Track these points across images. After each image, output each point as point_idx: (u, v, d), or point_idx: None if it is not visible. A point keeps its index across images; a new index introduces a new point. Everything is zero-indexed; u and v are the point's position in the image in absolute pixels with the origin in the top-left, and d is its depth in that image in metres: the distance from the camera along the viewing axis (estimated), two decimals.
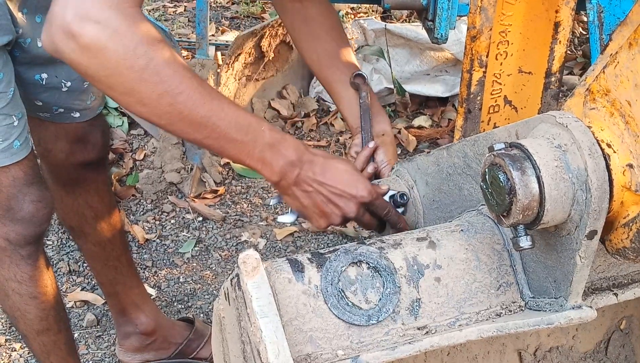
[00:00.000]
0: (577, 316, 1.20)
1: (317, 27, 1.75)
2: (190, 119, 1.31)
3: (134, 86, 1.26)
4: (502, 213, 1.14)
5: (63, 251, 3.00)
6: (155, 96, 1.27)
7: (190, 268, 2.96)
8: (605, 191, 1.10)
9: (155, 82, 1.26)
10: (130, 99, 1.29)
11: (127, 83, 1.26)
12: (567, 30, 1.73)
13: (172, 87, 1.27)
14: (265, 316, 1.11)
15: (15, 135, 1.78)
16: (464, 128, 1.79)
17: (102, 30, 1.22)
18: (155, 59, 1.25)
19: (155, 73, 1.25)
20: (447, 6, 2.23)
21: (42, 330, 2.02)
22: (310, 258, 1.23)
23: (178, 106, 1.29)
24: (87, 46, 1.22)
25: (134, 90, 1.27)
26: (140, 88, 1.26)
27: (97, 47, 1.22)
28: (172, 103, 1.28)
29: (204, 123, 1.32)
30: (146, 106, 1.29)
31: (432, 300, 1.23)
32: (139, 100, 1.28)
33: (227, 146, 1.37)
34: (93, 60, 1.24)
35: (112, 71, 1.24)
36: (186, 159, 3.32)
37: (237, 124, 1.35)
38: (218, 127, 1.33)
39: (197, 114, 1.31)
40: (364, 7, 4.46)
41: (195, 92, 1.29)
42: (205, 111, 1.31)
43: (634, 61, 1.08)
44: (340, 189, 1.46)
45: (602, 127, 1.14)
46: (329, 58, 1.74)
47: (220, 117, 1.33)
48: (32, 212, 1.86)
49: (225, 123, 1.34)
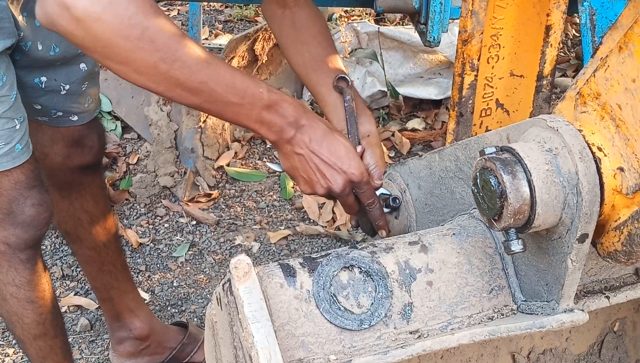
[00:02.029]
0: (569, 320, 1.20)
1: (304, 32, 1.75)
2: (188, 85, 1.33)
3: (130, 55, 1.27)
4: (493, 216, 1.14)
5: (56, 255, 3.00)
6: (151, 65, 1.29)
7: (184, 272, 2.96)
8: (596, 195, 1.10)
9: (151, 50, 1.27)
10: (126, 68, 1.31)
11: (123, 53, 1.27)
12: (558, 33, 1.73)
13: (168, 54, 1.28)
14: (257, 321, 1.11)
15: (17, 138, 1.78)
16: (456, 132, 1.80)
17: (96, 1, 1.23)
18: (150, 28, 1.26)
19: (151, 41, 1.26)
20: (440, 9, 2.22)
21: (39, 335, 2.02)
22: (302, 262, 1.23)
23: (174, 73, 1.30)
24: (81, 17, 1.23)
25: (130, 59, 1.28)
26: (136, 57, 1.28)
27: (92, 18, 1.23)
28: (169, 70, 1.30)
29: (201, 88, 1.34)
30: (143, 74, 1.31)
31: (424, 304, 1.24)
32: (136, 69, 1.30)
33: (226, 110, 1.39)
34: (88, 31, 1.25)
35: (107, 41, 1.26)
36: (180, 163, 3.32)
37: (234, 88, 1.36)
38: (215, 92, 1.35)
39: (194, 79, 1.32)
40: (357, 10, 4.46)
41: (191, 58, 1.31)
42: (201, 76, 1.32)
43: (624, 65, 1.09)
44: (332, 161, 1.46)
45: (592, 131, 1.14)
46: (315, 62, 1.74)
47: (217, 82, 1.34)
48: (32, 216, 1.86)
49: (222, 87, 1.35)
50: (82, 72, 2.01)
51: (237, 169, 3.43)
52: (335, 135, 1.49)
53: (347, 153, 1.48)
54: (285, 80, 3.90)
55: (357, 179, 1.49)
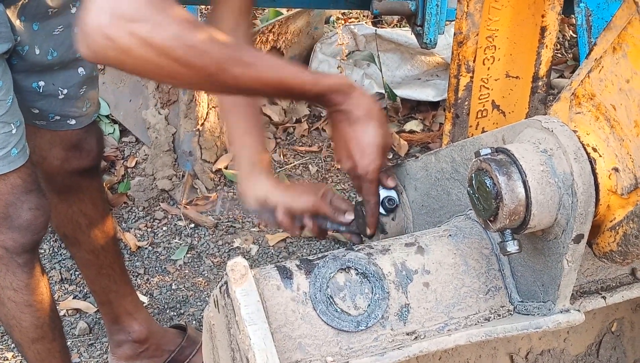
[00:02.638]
0: (565, 320, 1.20)
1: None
2: (238, 88, 1.40)
3: (180, 72, 1.31)
4: (489, 217, 1.15)
5: (55, 259, 3.00)
6: (202, 77, 1.33)
7: (183, 275, 2.96)
8: (591, 195, 1.11)
9: (199, 66, 1.30)
10: (178, 82, 1.48)
11: (173, 72, 1.30)
12: (553, 34, 1.73)
13: (216, 66, 1.32)
14: (253, 323, 1.11)
15: (13, 143, 1.78)
16: (452, 133, 1.80)
17: (140, 27, 1.24)
18: (196, 45, 1.29)
19: (198, 56, 1.29)
20: (436, 11, 2.23)
21: (37, 338, 2.03)
22: (299, 264, 1.23)
23: (223, 80, 1.35)
24: (127, 47, 1.25)
25: (181, 75, 1.32)
26: (185, 73, 1.31)
27: (139, 44, 1.25)
28: (217, 80, 1.35)
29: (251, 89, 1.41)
30: (194, 85, 1.41)
31: (421, 305, 1.24)
32: (187, 82, 1.41)
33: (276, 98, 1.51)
34: (138, 58, 1.27)
35: (157, 63, 1.28)
36: (178, 166, 3.32)
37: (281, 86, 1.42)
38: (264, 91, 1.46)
39: (243, 84, 1.38)
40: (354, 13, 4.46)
41: (237, 64, 1.34)
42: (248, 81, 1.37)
43: (618, 65, 1.09)
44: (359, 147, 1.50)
45: (587, 132, 1.14)
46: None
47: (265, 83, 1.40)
48: (30, 220, 1.86)
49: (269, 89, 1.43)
50: (80, 76, 2.01)
51: (235, 171, 3.43)
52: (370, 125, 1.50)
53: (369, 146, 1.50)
54: None
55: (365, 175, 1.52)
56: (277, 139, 3.66)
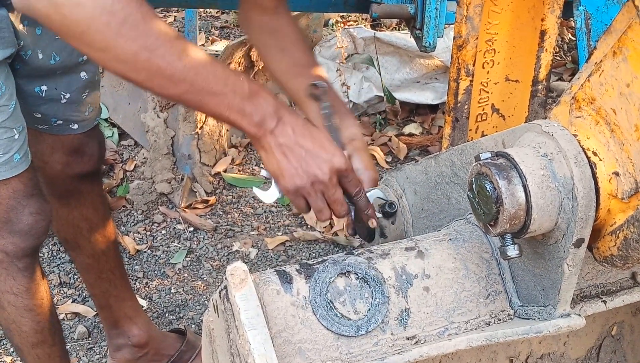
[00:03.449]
0: (566, 325, 1.20)
1: (283, 39, 1.73)
2: (169, 74, 1.30)
3: (111, 42, 1.25)
4: (489, 222, 1.14)
5: (54, 263, 3.00)
6: (132, 52, 1.26)
7: (182, 278, 2.95)
8: (591, 200, 1.10)
9: (133, 37, 1.25)
10: (107, 55, 1.28)
11: (103, 40, 1.25)
12: (553, 38, 1.73)
13: (150, 42, 1.26)
14: (253, 328, 1.11)
15: (15, 148, 1.78)
16: (452, 137, 1.80)
17: None
18: (132, 15, 1.24)
19: (133, 28, 1.25)
20: (435, 15, 2.23)
21: (37, 343, 2.02)
22: (299, 269, 1.23)
23: (156, 61, 1.28)
24: (60, 2, 1.21)
25: (110, 46, 1.26)
26: (117, 44, 1.25)
27: (72, 3, 1.21)
28: (150, 58, 1.28)
29: (182, 77, 1.31)
30: (123, 62, 1.28)
31: (421, 310, 1.24)
32: (116, 56, 1.28)
33: (206, 100, 1.35)
34: (67, 16, 1.23)
35: (87, 27, 1.23)
36: (177, 170, 3.32)
37: (216, 77, 1.34)
38: (196, 81, 1.32)
39: (176, 68, 1.30)
40: (353, 16, 4.46)
41: (173, 46, 1.29)
42: (183, 64, 1.30)
43: (618, 70, 1.09)
44: (316, 150, 1.43)
45: (587, 136, 1.14)
46: (294, 69, 1.71)
47: (199, 71, 1.32)
48: (30, 224, 1.86)
49: (203, 76, 1.33)
50: (82, 80, 2.01)
51: (234, 175, 3.43)
52: (314, 127, 1.47)
53: (329, 144, 1.45)
54: None
55: (343, 167, 1.45)
56: None
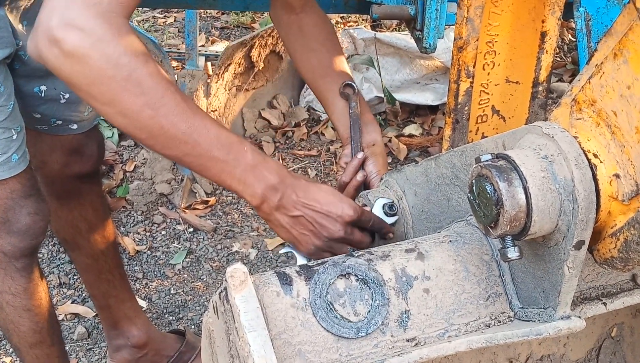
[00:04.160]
0: (566, 327, 1.20)
1: (311, 38, 1.75)
2: (171, 134, 1.29)
3: (116, 96, 1.25)
4: (489, 224, 1.14)
5: (53, 263, 2.99)
6: (136, 108, 1.26)
7: (181, 279, 2.95)
8: (592, 202, 1.10)
9: (137, 93, 1.24)
10: (111, 109, 1.27)
11: (108, 93, 1.25)
12: (553, 40, 1.73)
13: (154, 100, 1.26)
14: (253, 330, 1.10)
15: (13, 148, 1.78)
16: (452, 138, 1.79)
17: (85, 37, 1.21)
18: (137, 70, 1.24)
19: (138, 84, 1.24)
20: (435, 16, 2.23)
21: (36, 343, 2.02)
22: (299, 270, 1.23)
23: (159, 119, 1.27)
24: (69, 53, 1.22)
25: (115, 100, 1.25)
26: (121, 99, 1.25)
27: (80, 54, 1.21)
28: (154, 116, 1.27)
29: (185, 139, 1.30)
30: (127, 117, 1.27)
31: (421, 312, 1.23)
32: (120, 111, 1.27)
33: (208, 165, 1.34)
34: (75, 67, 1.23)
35: (93, 79, 1.23)
36: (176, 170, 3.32)
37: (219, 142, 1.33)
38: (199, 144, 1.31)
39: (179, 129, 1.28)
40: (353, 17, 4.46)
41: (177, 106, 1.28)
42: (187, 126, 1.29)
43: (619, 71, 1.09)
44: (325, 210, 1.43)
45: (588, 138, 1.14)
46: (323, 68, 1.73)
47: (202, 134, 1.30)
48: (28, 224, 1.86)
49: (207, 140, 1.31)
50: None
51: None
52: (315, 184, 1.45)
53: (333, 197, 1.45)
54: (281, 86, 3.91)
55: (354, 216, 1.46)
56: (276, 143, 3.66)
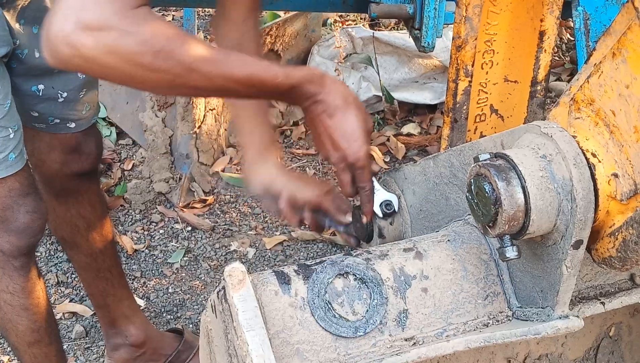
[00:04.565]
0: (564, 326, 1.20)
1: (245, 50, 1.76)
2: (208, 89, 1.40)
3: (147, 78, 1.29)
4: (487, 223, 1.14)
5: (51, 262, 2.99)
6: (168, 82, 1.31)
7: (179, 278, 2.95)
8: (590, 201, 1.10)
9: (166, 70, 1.28)
10: (146, 87, 1.42)
11: (139, 77, 1.29)
12: (552, 39, 1.73)
13: (183, 70, 1.30)
14: (251, 329, 1.10)
15: (10, 147, 1.78)
16: (451, 137, 1.79)
17: (107, 36, 1.23)
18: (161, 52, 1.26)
19: (164, 63, 1.27)
20: (434, 15, 2.22)
21: (33, 342, 2.02)
22: (297, 270, 1.23)
23: (192, 83, 1.33)
24: (93, 55, 1.24)
25: (148, 80, 1.31)
26: (153, 78, 1.29)
27: (103, 53, 1.24)
28: (186, 82, 1.33)
29: (220, 90, 1.41)
30: (164, 88, 1.37)
31: (420, 311, 1.23)
32: (155, 87, 1.36)
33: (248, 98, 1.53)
34: (103, 65, 1.26)
35: (122, 70, 1.27)
36: (175, 169, 3.31)
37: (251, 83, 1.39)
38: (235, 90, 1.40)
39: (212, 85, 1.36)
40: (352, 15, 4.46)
41: (205, 66, 1.32)
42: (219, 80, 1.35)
43: (618, 71, 1.09)
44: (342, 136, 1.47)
45: (587, 137, 1.14)
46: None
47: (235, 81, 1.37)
48: (26, 223, 1.85)
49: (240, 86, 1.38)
50: (79, 79, 2.00)
51: (232, 174, 3.42)
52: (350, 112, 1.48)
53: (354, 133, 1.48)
54: None
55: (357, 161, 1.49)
56: None
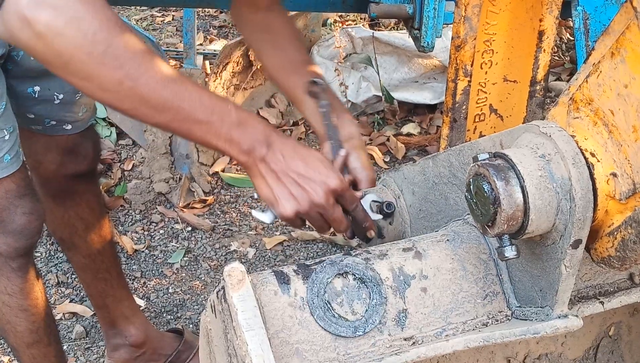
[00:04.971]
0: (563, 326, 1.20)
1: (278, 37, 1.71)
2: (153, 103, 1.29)
3: (94, 71, 1.24)
4: (486, 223, 1.14)
5: (51, 262, 2.99)
6: (115, 81, 1.25)
7: (180, 278, 2.95)
8: (589, 201, 1.10)
9: (115, 66, 1.24)
10: (90, 84, 1.28)
11: (86, 69, 1.24)
12: (551, 39, 1.73)
13: (133, 71, 1.25)
14: (250, 329, 1.10)
15: (6, 149, 1.78)
16: (450, 137, 1.80)
17: (59, 15, 1.20)
18: (114, 44, 1.23)
19: (115, 58, 1.23)
20: (433, 15, 2.22)
21: (32, 343, 2.02)
22: (296, 269, 1.23)
23: (140, 90, 1.27)
24: (43, 32, 1.20)
25: (94, 75, 1.25)
26: (100, 73, 1.24)
27: (54, 32, 1.20)
28: (134, 87, 1.26)
29: (167, 106, 1.29)
30: (107, 91, 1.27)
31: (419, 311, 1.23)
32: (99, 85, 1.27)
33: (194, 128, 1.33)
34: (50, 46, 1.22)
35: (69, 57, 1.23)
36: (175, 169, 3.32)
37: (202, 105, 1.32)
38: (182, 109, 1.30)
39: (160, 96, 1.28)
40: (352, 15, 4.46)
41: (157, 74, 1.27)
42: (167, 93, 1.29)
43: (616, 70, 1.09)
44: (309, 174, 1.41)
45: (585, 137, 1.14)
46: (291, 66, 1.69)
47: (184, 99, 1.30)
48: (23, 224, 1.85)
49: (189, 104, 1.31)
50: None
51: (232, 174, 3.43)
52: (305, 148, 1.45)
53: (322, 164, 1.43)
54: None
55: (338, 187, 1.43)
56: None
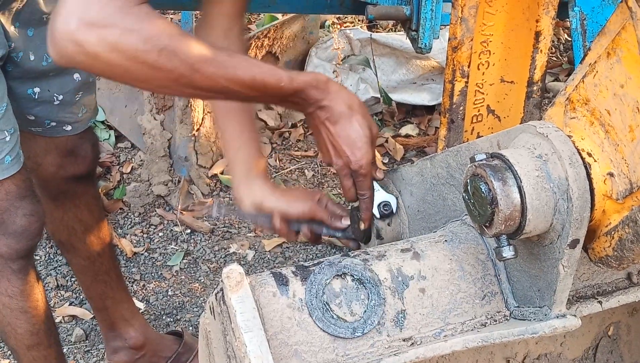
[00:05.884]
0: (562, 325, 1.20)
1: None
2: (211, 89, 1.38)
3: (151, 76, 1.31)
4: (484, 223, 1.15)
5: (51, 265, 2.99)
6: (172, 80, 1.32)
7: (179, 280, 2.95)
8: (586, 200, 1.11)
9: (170, 69, 1.29)
10: (150, 85, 1.44)
11: (143, 75, 1.30)
12: (547, 39, 1.73)
13: (187, 69, 1.31)
14: (249, 330, 1.11)
15: (6, 150, 1.78)
16: (448, 138, 1.80)
17: (109, 33, 1.24)
18: (165, 49, 1.28)
19: (168, 61, 1.28)
20: (431, 16, 2.23)
21: (33, 345, 2.02)
22: (295, 271, 1.23)
23: (196, 83, 1.34)
24: (98, 52, 1.25)
25: (151, 78, 1.32)
26: (156, 76, 1.31)
27: (108, 50, 1.25)
28: (190, 82, 1.33)
29: (223, 91, 1.38)
30: (167, 87, 1.37)
31: (417, 311, 1.24)
32: (158, 86, 1.37)
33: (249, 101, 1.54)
34: (106, 62, 1.27)
35: (126, 68, 1.28)
36: (173, 172, 3.32)
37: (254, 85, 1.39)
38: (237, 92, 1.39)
39: (215, 85, 1.36)
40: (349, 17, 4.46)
41: (209, 66, 1.33)
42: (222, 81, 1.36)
43: (613, 70, 1.09)
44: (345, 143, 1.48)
45: (582, 137, 1.15)
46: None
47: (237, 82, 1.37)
48: (24, 226, 1.86)
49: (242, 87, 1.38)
50: (75, 82, 2.01)
51: (230, 176, 3.42)
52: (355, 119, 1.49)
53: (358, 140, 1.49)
54: None
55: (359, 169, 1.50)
56: (272, 144, 3.66)
